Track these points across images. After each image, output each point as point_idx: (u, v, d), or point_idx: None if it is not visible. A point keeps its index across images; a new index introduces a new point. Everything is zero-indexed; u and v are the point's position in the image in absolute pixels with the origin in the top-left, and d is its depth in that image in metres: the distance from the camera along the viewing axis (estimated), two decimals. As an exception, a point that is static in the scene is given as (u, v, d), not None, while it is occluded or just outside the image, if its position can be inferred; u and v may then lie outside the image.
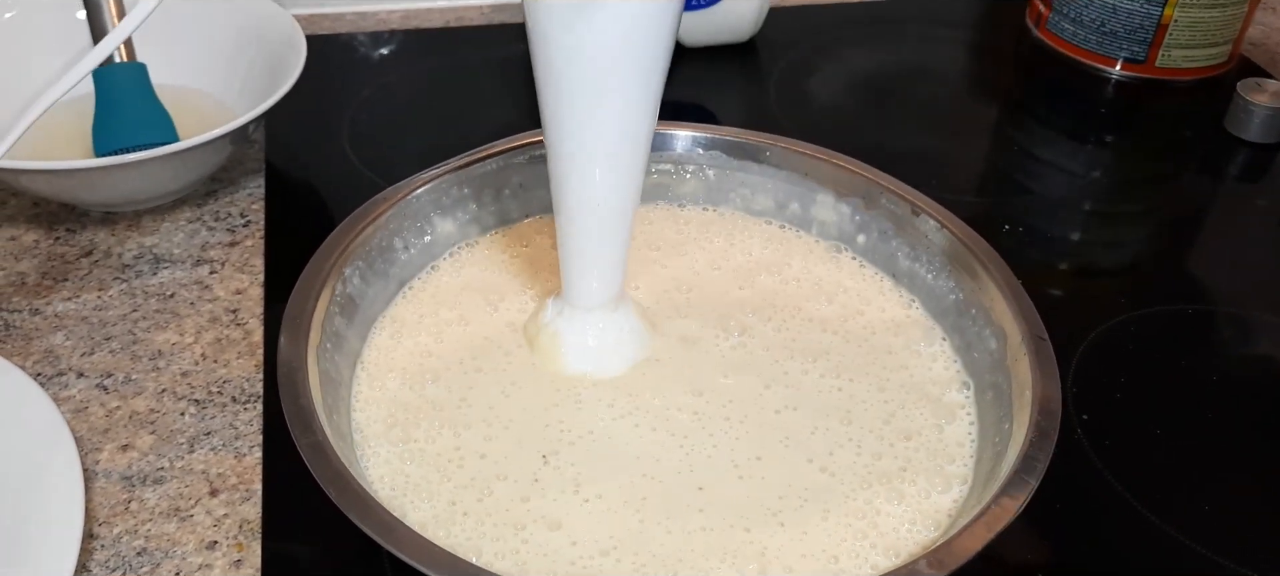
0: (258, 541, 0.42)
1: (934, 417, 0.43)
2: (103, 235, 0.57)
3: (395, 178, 0.48)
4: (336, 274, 0.43)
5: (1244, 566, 0.42)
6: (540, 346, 0.44)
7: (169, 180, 0.56)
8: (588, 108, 0.38)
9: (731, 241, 0.51)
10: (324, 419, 0.37)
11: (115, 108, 0.59)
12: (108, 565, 0.41)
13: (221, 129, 0.54)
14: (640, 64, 0.37)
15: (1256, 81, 0.70)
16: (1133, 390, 0.50)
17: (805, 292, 0.48)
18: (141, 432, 0.46)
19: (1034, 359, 0.40)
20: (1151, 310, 0.55)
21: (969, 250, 0.45)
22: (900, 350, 0.46)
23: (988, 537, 0.34)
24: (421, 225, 0.48)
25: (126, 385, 0.48)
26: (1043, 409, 0.38)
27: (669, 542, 0.37)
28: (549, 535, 0.37)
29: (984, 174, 0.68)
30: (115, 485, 0.44)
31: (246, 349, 0.50)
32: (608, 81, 0.37)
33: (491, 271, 0.49)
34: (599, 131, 0.39)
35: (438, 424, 0.41)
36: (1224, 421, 0.49)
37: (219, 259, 0.55)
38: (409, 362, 0.44)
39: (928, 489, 0.40)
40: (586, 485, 0.39)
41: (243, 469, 0.45)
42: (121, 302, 0.53)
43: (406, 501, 0.38)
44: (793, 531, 0.38)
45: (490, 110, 0.70)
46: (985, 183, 0.67)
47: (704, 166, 0.52)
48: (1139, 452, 0.47)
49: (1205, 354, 0.53)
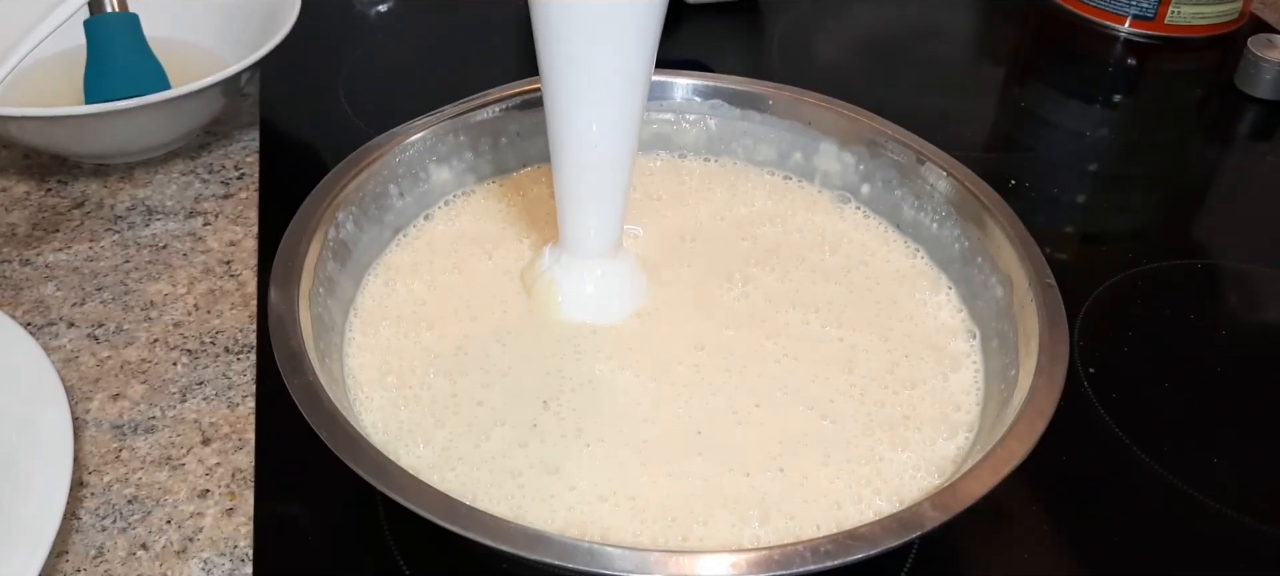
0: (250, 490, 0.41)
1: (939, 366, 0.42)
2: (95, 187, 0.56)
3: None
4: (329, 218, 0.42)
5: (1250, 516, 0.42)
6: (537, 294, 0.43)
7: (161, 131, 0.55)
8: (583, 50, 0.37)
9: (734, 192, 0.50)
10: (316, 363, 0.36)
11: (107, 59, 0.58)
12: (97, 513, 0.40)
13: (213, 77, 0.53)
14: (636, 5, 0.36)
15: (1268, 37, 0.69)
16: (1140, 344, 0.49)
17: (809, 243, 0.48)
18: (133, 382, 0.45)
19: (1042, 304, 0.39)
20: (1159, 265, 0.55)
21: (975, 198, 0.44)
22: (905, 300, 0.45)
23: (993, 482, 0.33)
24: (417, 172, 0.47)
25: (118, 335, 0.48)
26: (1050, 354, 0.37)
27: (669, 488, 0.36)
28: (547, 480, 0.36)
29: (991, 133, 0.67)
30: (106, 434, 0.43)
31: (240, 300, 0.49)
32: (604, 23, 0.36)
33: (487, 221, 0.48)
34: (595, 75, 0.38)
35: (433, 371, 0.40)
36: (1231, 375, 0.48)
37: (213, 211, 0.55)
38: (403, 310, 0.43)
39: (933, 436, 0.39)
40: (587, 430, 0.38)
41: (236, 418, 0.44)
42: (113, 253, 0.52)
43: (400, 446, 0.37)
44: (793, 476, 0.37)
45: (489, 66, 0.69)
46: (992, 142, 0.66)
47: (705, 116, 0.51)
48: (1146, 405, 0.46)
49: (1213, 309, 0.53)
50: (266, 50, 0.56)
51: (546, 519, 0.35)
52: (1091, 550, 0.41)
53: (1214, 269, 0.55)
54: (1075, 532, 0.41)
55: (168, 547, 0.39)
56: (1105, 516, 0.42)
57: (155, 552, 0.39)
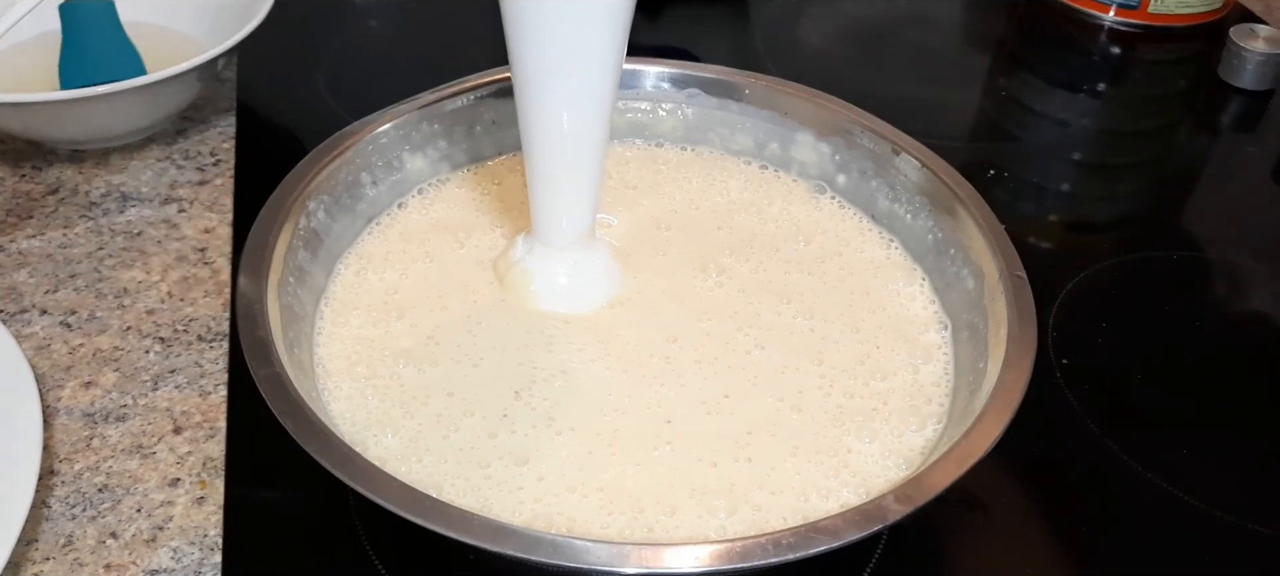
0: (221, 479, 0.41)
1: (910, 358, 0.42)
2: (70, 173, 0.56)
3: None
4: (300, 207, 0.42)
5: (1220, 509, 0.42)
6: (510, 283, 0.43)
7: (137, 116, 0.55)
8: (553, 35, 0.36)
9: (710, 181, 0.50)
10: (283, 352, 0.36)
11: (82, 44, 0.57)
12: (67, 501, 0.40)
13: (189, 62, 0.52)
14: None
15: (1250, 27, 0.69)
16: (1114, 335, 0.49)
17: (784, 233, 0.47)
18: (105, 370, 0.45)
19: (1011, 297, 0.39)
20: (1136, 256, 0.55)
21: (949, 189, 0.44)
22: (878, 291, 0.45)
23: (957, 474, 0.33)
24: (390, 161, 0.47)
25: (90, 322, 0.47)
26: (1019, 346, 0.37)
27: (638, 478, 0.36)
28: (515, 470, 0.36)
29: (975, 122, 0.67)
30: (77, 422, 0.43)
31: (214, 288, 0.49)
32: (572, 13, 0.36)
33: (461, 209, 0.48)
34: (564, 64, 0.38)
35: (403, 361, 0.40)
36: (1205, 367, 0.49)
37: (188, 197, 0.54)
38: (374, 299, 0.43)
39: (901, 428, 0.39)
40: (558, 420, 0.38)
41: (207, 407, 0.44)
42: (87, 240, 0.52)
43: (369, 436, 0.37)
44: (761, 467, 0.37)
45: (472, 51, 0.68)
46: (977, 130, 0.66)
47: (682, 105, 0.51)
48: (1118, 397, 0.47)
49: (1189, 300, 0.53)
50: (244, 34, 0.55)
51: (513, 510, 0.35)
52: (1061, 541, 0.41)
53: (1192, 260, 0.55)
54: (1044, 524, 0.41)
55: (137, 536, 0.39)
56: (1075, 508, 0.42)
57: (125, 541, 0.39)
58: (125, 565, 0.38)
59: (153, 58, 0.59)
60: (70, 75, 0.57)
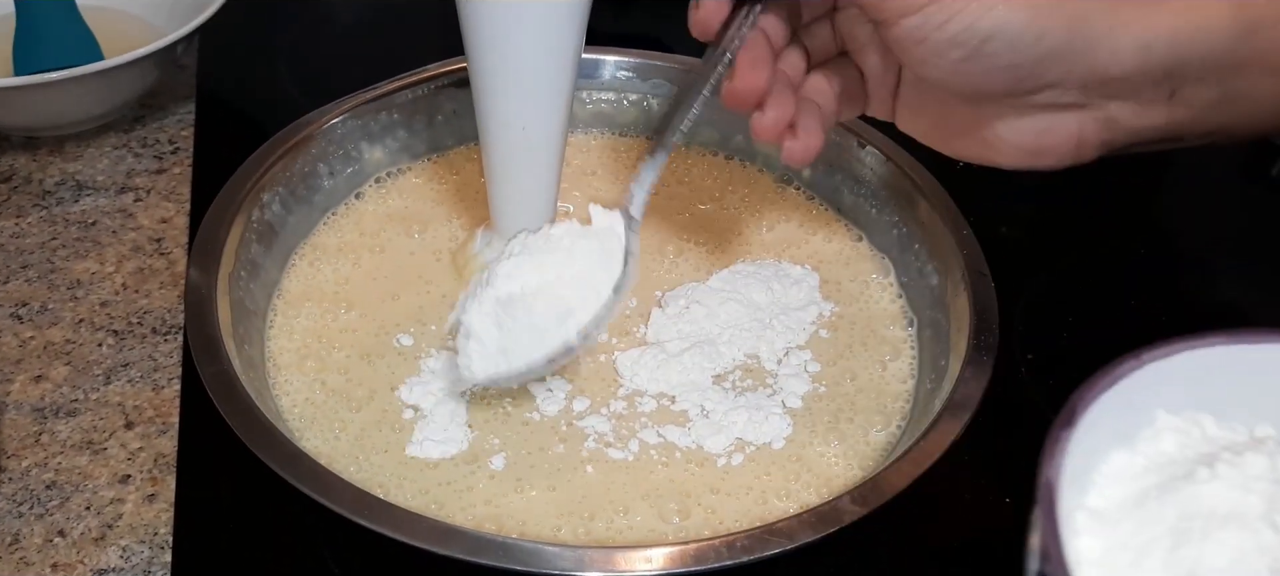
0: (172, 475, 0.40)
1: (877, 354, 0.41)
2: (23, 160, 0.55)
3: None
4: (253, 200, 0.41)
5: (1183, 507, 0.42)
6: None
7: (93, 103, 0.54)
8: (507, 22, 0.36)
9: (672, 170, 0.49)
10: (233, 348, 0.36)
11: (37, 29, 0.56)
12: (14, 498, 0.39)
13: (147, 48, 0.51)
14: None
15: (1223, 19, 0.69)
16: (1081, 330, 0.49)
17: (748, 224, 0.47)
18: (56, 364, 0.44)
19: (971, 295, 0.39)
20: (1105, 251, 0.54)
21: (912, 182, 0.44)
22: (847, 284, 0.44)
23: (914, 475, 0.33)
24: (347, 152, 0.46)
25: (42, 315, 0.46)
26: (979, 345, 0.37)
27: (590, 479, 0.36)
28: (465, 469, 0.36)
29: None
30: (26, 417, 0.42)
31: (169, 279, 0.48)
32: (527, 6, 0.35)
33: (418, 200, 0.47)
34: (520, 58, 0.37)
35: (353, 354, 0.40)
36: (1171, 362, 0.48)
37: (144, 186, 0.53)
38: (325, 292, 0.42)
39: (865, 426, 0.39)
40: (512, 416, 0.38)
41: (160, 402, 0.43)
42: (40, 230, 0.51)
43: (316, 433, 0.37)
44: (716, 469, 0.36)
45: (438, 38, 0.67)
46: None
47: (647, 96, 0.50)
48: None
49: (1157, 295, 0.52)
50: (203, 19, 0.54)
51: (463, 510, 0.35)
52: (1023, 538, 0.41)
53: (1158, 257, 0.55)
54: (1007, 521, 0.41)
55: (86, 534, 0.38)
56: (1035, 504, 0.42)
57: (72, 539, 0.38)
58: (73, 564, 0.38)
59: (110, 43, 0.58)
60: (24, 60, 0.56)
